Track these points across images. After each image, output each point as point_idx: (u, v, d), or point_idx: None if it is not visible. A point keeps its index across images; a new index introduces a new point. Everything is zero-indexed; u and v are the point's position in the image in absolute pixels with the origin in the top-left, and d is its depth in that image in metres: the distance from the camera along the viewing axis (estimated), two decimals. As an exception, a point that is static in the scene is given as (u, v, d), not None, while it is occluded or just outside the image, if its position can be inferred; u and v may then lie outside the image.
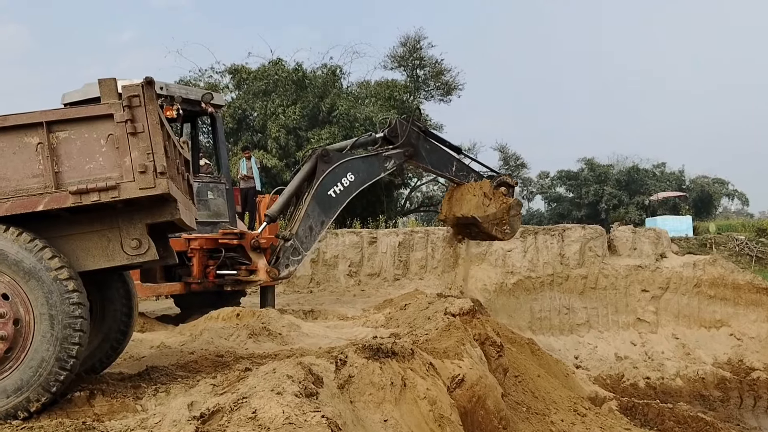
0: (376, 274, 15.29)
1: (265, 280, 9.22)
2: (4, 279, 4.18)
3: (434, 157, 9.91)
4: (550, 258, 16.17)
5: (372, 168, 9.37)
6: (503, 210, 9.63)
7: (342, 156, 9.35)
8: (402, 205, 30.56)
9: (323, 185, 9.09)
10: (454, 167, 10.03)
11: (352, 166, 9.23)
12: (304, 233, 9.06)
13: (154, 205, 4.52)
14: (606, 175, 43.11)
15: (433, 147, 9.92)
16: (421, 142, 9.75)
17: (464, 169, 10.21)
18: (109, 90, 4.25)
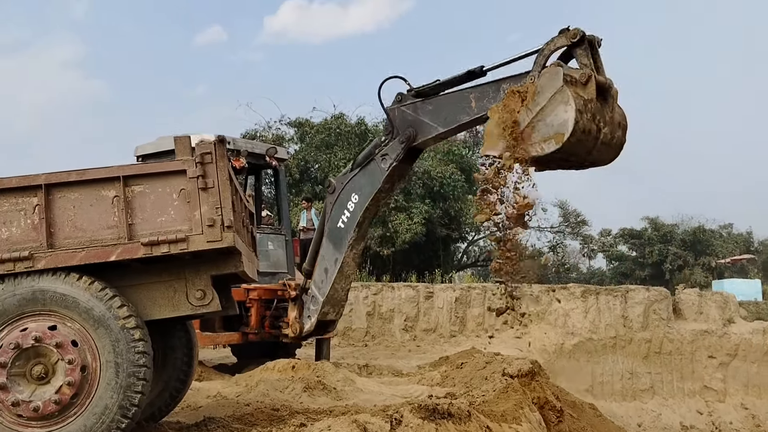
0: (432, 330, 15.11)
1: (290, 335, 8.75)
2: (75, 326, 4.32)
3: (443, 112, 7.00)
4: (613, 320, 15.68)
5: (372, 177, 7.50)
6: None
7: (344, 178, 7.95)
8: (459, 259, 30.36)
9: (332, 219, 8.01)
10: (474, 100, 6.65)
11: (354, 185, 7.74)
12: (320, 277, 8.07)
13: (219, 257, 4.64)
14: (671, 235, 41.94)
15: (437, 103, 7.14)
16: (419, 110, 7.17)
17: (490, 89, 6.53)
18: (184, 147, 4.44)
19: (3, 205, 4.37)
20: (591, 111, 5.39)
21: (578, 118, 5.23)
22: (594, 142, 5.49)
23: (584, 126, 5.31)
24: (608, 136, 5.59)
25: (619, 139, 5.81)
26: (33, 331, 4.26)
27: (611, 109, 5.67)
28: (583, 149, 5.52)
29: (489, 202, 6.01)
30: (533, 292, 15.79)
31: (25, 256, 4.29)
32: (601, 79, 5.57)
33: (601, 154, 5.72)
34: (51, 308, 4.30)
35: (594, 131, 5.43)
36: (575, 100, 5.23)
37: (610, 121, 5.61)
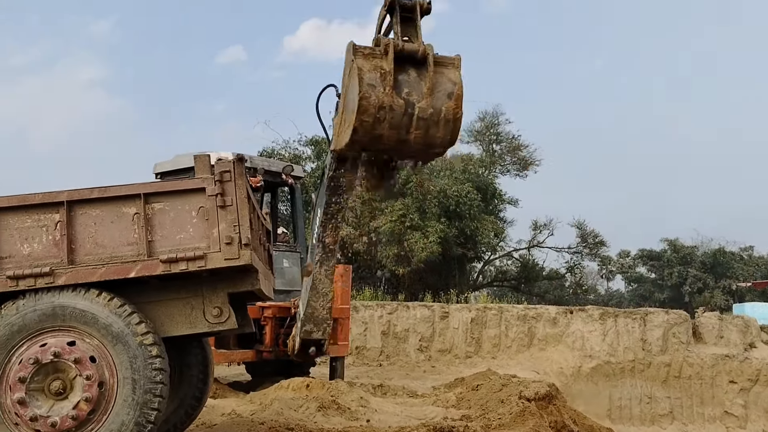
0: (448, 351, 15.01)
1: (288, 352, 8.78)
2: (93, 342, 4.35)
3: None
4: (631, 343, 15.49)
5: (322, 190, 6.99)
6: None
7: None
8: (474, 278, 30.23)
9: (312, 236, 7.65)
10: None
11: (317, 201, 7.25)
12: (303, 295, 7.93)
13: (236, 275, 4.66)
14: (690, 257, 41.53)
15: None
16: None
17: None
18: (203, 165, 4.48)
19: (26, 221, 4.42)
20: (390, 84, 4.72)
21: (367, 93, 4.66)
22: (405, 118, 4.78)
23: (379, 101, 4.68)
24: (427, 110, 4.81)
25: (449, 113, 4.88)
26: (52, 347, 4.30)
27: (429, 80, 4.83)
28: (393, 128, 4.80)
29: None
30: (551, 314, 15.67)
31: (46, 272, 4.33)
32: (410, 47, 4.86)
33: (427, 131, 4.88)
34: (70, 324, 4.33)
35: (400, 106, 4.73)
36: (364, 73, 4.70)
37: (429, 92, 4.82)
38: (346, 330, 10.29)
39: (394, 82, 4.73)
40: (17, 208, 4.41)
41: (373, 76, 4.72)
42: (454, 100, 4.86)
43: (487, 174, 26.71)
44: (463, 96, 4.91)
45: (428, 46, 4.84)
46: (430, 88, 4.80)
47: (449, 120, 4.86)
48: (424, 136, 4.87)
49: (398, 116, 4.74)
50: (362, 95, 4.63)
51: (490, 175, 27.12)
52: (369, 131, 4.76)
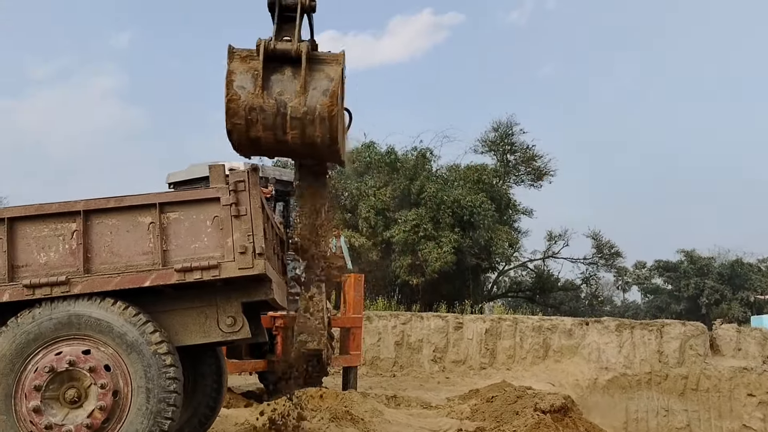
0: (462, 362, 14.93)
1: (325, 361, 8.83)
2: (108, 350, 4.37)
3: None
4: (648, 355, 15.33)
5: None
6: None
7: None
8: (489, 289, 30.09)
9: None
10: None
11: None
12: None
13: (250, 285, 4.68)
14: (707, 269, 41.10)
15: None
16: None
17: None
18: (218, 175, 4.51)
19: (42, 230, 4.46)
20: (260, 84, 4.65)
21: (235, 95, 4.63)
22: (278, 118, 4.67)
23: (248, 102, 4.63)
24: (300, 108, 4.67)
25: (323, 110, 4.70)
26: (67, 355, 4.32)
27: (302, 78, 4.71)
28: (268, 129, 4.70)
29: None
30: (566, 325, 15.55)
31: (62, 281, 4.37)
32: (282, 46, 4.76)
33: (304, 131, 4.72)
34: (86, 332, 4.36)
35: (270, 106, 4.64)
36: (235, 76, 4.67)
37: (302, 91, 4.69)
38: (359, 340, 10.28)
39: (266, 82, 4.68)
40: (34, 218, 4.46)
41: (245, 78, 4.68)
42: (329, 97, 4.70)
43: (501, 184, 26.61)
44: (339, 92, 4.77)
45: (303, 45, 4.77)
46: (303, 86, 4.69)
47: (324, 117, 4.69)
48: (302, 136, 4.74)
49: (270, 116, 4.68)
50: (230, 98, 4.63)
51: (505, 185, 27.01)
52: (244, 134, 4.72)
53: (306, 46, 4.78)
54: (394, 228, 21.85)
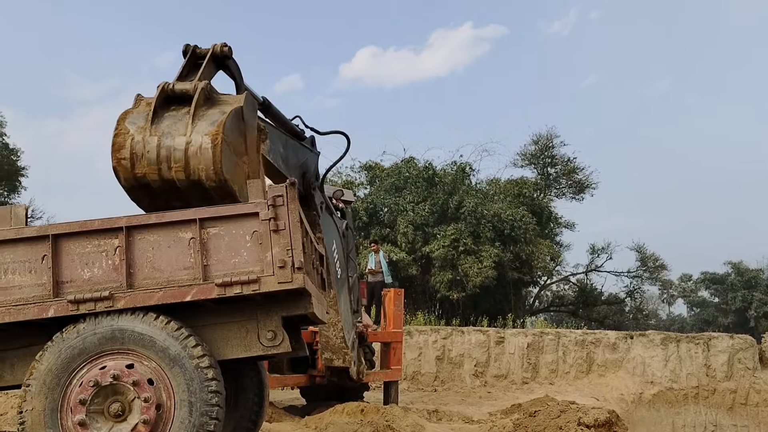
0: (503, 376, 14.76)
1: (355, 377, 8.79)
2: (151, 365, 4.42)
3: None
4: (695, 369, 14.95)
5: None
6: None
7: None
8: (530, 303, 29.72)
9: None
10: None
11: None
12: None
13: (289, 299, 4.69)
14: (755, 281, 39.94)
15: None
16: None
17: None
18: (257, 190, 4.55)
19: (86, 246, 4.55)
20: (149, 120, 4.62)
21: (122, 130, 4.63)
22: (163, 151, 4.60)
23: (134, 136, 4.61)
24: (184, 141, 4.60)
25: (206, 141, 4.56)
26: (111, 369, 4.38)
27: (191, 115, 4.64)
28: (152, 164, 4.61)
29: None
30: (610, 339, 15.26)
31: (105, 296, 4.44)
32: (181, 86, 4.77)
33: (188, 164, 4.60)
34: (129, 347, 4.42)
35: (155, 139, 4.59)
36: (129, 114, 4.70)
37: (192, 127, 4.62)
38: (399, 354, 10.24)
39: (159, 119, 4.65)
40: (78, 234, 4.55)
41: (138, 116, 4.67)
42: (216, 126, 4.59)
43: (542, 197, 26.33)
44: (227, 123, 4.60)
45: (201, 83, 4.75)
46: (191, 121, 4.63)
47: (206, 148, 4.56)
48: (185, 169, 4.59)
49: (153, 150, 4.58)
50: (117, 132, 4.60)
51: (545, 198, 26.73)
52: (130, 171, 4.62)
53: (204, 84, 4.77)
54: (433, 243, 21.77)
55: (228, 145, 4.63)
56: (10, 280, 4.53)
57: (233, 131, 4.72)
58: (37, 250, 4.54)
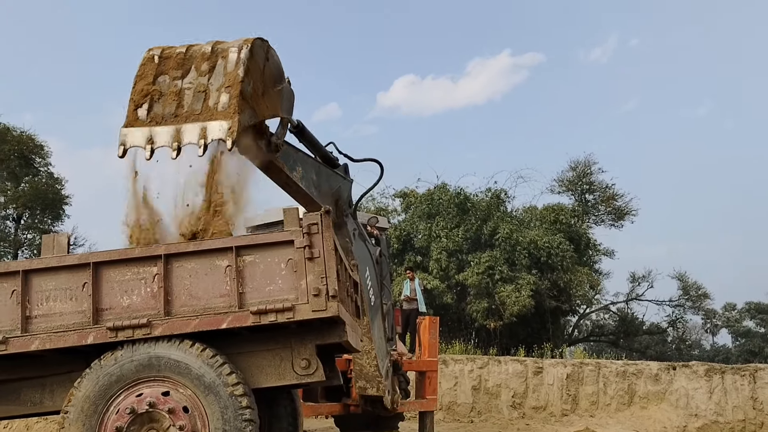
0: (542, 408, 14.46)
1: (389, 406, 8.60)
2: (186, 392, 4.44)
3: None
4: (741, 401, 14.46)
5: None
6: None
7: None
8: (569, 333, 29.18)
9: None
10: None
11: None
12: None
13: (324, 327, 4.69)
14: (802, 309, 38.70)
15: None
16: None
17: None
18: (292, 218, 4.59)
19: (126, 274, 4.62)
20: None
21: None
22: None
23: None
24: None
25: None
26: (147, 397, 4.41)
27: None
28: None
29: None
30: (652, 370, 14.89)
31: (143, 323, 4.49)
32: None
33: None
34: (165, 374, 4.45)
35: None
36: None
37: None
38: (434, 384, 10.10)
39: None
40: (118, 262, 4.63)
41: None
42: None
43: (580, 224, 25.97)
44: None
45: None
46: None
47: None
48: None
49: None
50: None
51: (583, 225, 26.36)
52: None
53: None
54: (468, 270, 21.60)
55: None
56: (51, 307, 4.62)
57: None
58: (78, 277, 4.62)
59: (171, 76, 4.47)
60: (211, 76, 4.46)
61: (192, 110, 4.39)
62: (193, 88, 4.45)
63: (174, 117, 4.38)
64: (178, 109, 4.41)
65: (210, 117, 4.33)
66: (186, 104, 4.42)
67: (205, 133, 4.32)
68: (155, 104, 4.43)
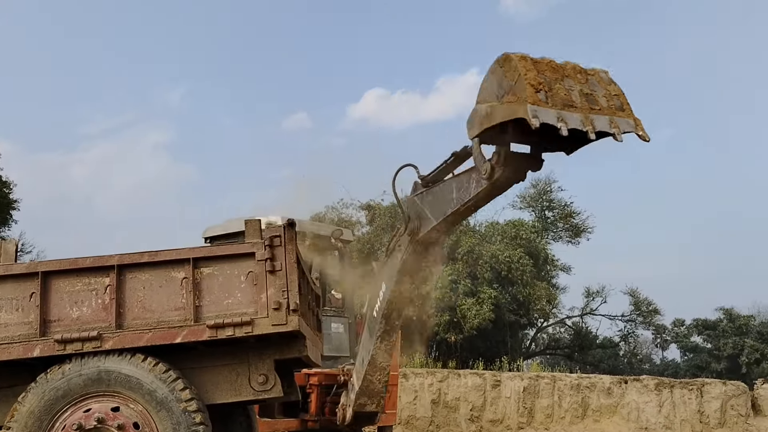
0: (499, 421, 14.48)
1: (338, 423, 8.41)
2: (137, 408, 4.28)
3: (437, 203, 6.09)
4: (688, 415, 14.74)
5: (391, 268, 6.77)
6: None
7: (380, 265, 7.40)
8: (527, 346, 29.45)
9: (370, 307, 7.19)
10: (455, 190, 5.78)
11: (384, 275, 7.03)
12: (358, 367, 7.43)
13: (283, 341, 4.58)
14: (746, 327, 39.79)
15: (434, 193, 6.20)
16: (423, 200, 6.33)
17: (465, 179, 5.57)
18: (254, 230, 4.47)
19: (76, 284, 4.44)
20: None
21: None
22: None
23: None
24: None
25: None
26: (96, 412, 4.24)
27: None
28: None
29: None
30: (605, 383, 15.07)
31: (93, 336, 4.32)
32: None
33: None
34: (115, 389, 4.28)
35: None
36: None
37: None
38: (395, 398, 10.00)
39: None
40: (68, 272, 4.45)
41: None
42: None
43: (540, 240, 26.31)
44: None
45: None
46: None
47: None
48: None
49: None
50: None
51: (543, 241, 26.73)
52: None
53: None
54: (430, 284, 21.59)
55: None
56: (-5, 317, 4.41)
57: None
58: (25, 287, 4.43)
59: (551, 77, 4.45)
60: (588, 85, 4.57)
61: (586, 105, 4.46)
62: (576, 90, 4.50)
63: (572, 107, 4.38)
64: (573, 102, 4.43)
65: (610, 114, 4.44)
66: (576, 100, 4.45)
67: (616, 124, 4.36)
68: (548, 94, 4.34)
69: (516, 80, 4.33)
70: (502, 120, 4.26)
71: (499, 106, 4.33)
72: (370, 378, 7.43)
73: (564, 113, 4.26)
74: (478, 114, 4.44)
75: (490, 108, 4.40)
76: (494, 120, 4.33)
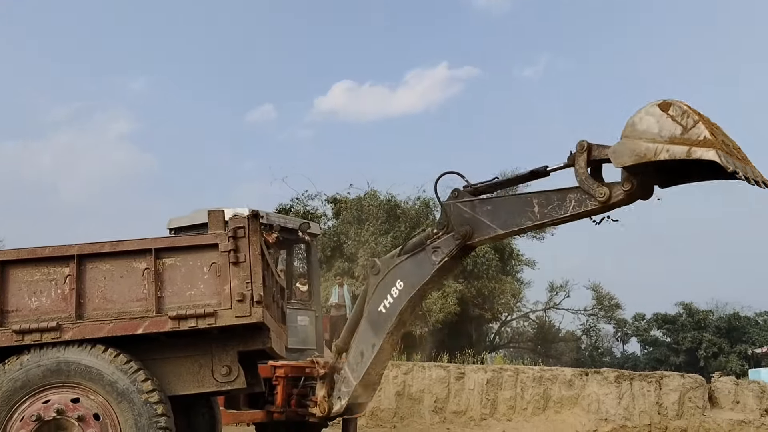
0: (462, 412, 14.63)
1: (317, 415, 8.39)
2: (98, 399, 4.25)
3: (503, 214, 6.60)
4: (647, 407, 15.08)
5: (421, 268, 7.13)
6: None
7: (392, 262, 7.47)
8: (491, 339, 29.75)
9: (374, 301, 7.86)
10: (537, 206, 6.32)
11: (401, 272, 7.24)
12: (355, 360, 7.88)
13: (247, 333, 4.57)
14: (705, 321, 40.78)
15: (496, 204, 6.77)
16: (477, 209, 6.82)
17: (555, 197, 6.16)
18: (217, 221, 4.45)
19: (35, 274, 4.38)
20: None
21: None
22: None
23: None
24: None
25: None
26: (55, 404, 4.20)
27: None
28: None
29: None
30: (566, 375, 15.32)
31: (52, 327, 4.26)
32: None
33: None
34: (75, 380, 4.24)
35: None
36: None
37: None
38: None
39: None
40: (27, 261, 4.38)
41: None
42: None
43: (503, 233, 26.56)
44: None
45: None
46: None
47: None
48: None
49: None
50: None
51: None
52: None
53: None
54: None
55: None
56: (-49, 307, 4.33)
57: None
58: None
59: (711, 126, 4.84)
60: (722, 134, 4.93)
61: (742, 155, 4.95)
62: (722, 138, 4.87)
63: (731, 155, 4.79)
64: (732, 152, 4.85)
65: (747, 163, 4.91)
66: (730, 148, 4.90)
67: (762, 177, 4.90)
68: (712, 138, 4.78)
69: (692, 126, 4.66)
70: (681, 158, 4.63)
71: (676, 147, 4.68)
72: (371, 371, 7.46)
73: (731, 160, 4.69)
74: (636, 148, 4.81)
75: (657, 146, 4.76)
76: (669, 157, 4.70)
